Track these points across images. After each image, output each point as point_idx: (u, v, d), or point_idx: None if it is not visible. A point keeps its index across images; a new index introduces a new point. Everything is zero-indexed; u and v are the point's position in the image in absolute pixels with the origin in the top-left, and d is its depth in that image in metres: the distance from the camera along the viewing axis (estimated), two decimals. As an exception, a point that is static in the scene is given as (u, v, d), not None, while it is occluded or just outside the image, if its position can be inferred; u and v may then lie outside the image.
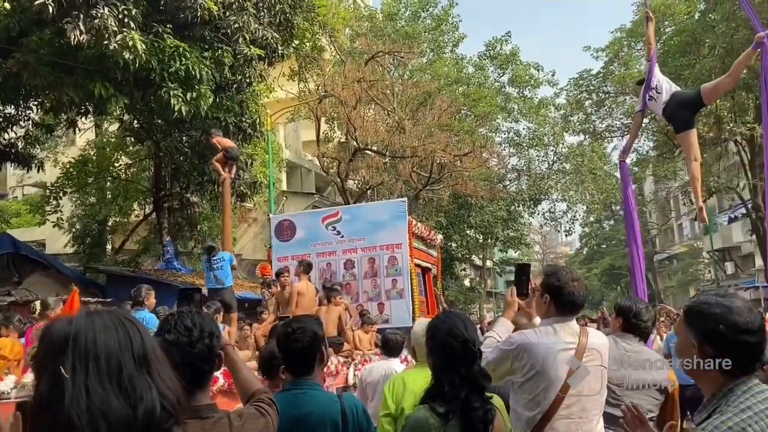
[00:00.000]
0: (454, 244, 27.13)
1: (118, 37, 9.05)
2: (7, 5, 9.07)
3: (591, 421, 2.72)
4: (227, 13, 11.02)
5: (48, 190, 19.64)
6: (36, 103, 13.32)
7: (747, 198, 24.34)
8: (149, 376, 1.15)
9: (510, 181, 29.39)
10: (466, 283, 37.64)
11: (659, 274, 46.80)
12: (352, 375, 7.41)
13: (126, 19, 9.17)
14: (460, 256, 29.68)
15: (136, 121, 15.99)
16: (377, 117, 22.62)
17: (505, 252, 39.27)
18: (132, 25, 9.24)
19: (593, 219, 46.49)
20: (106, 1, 9.08)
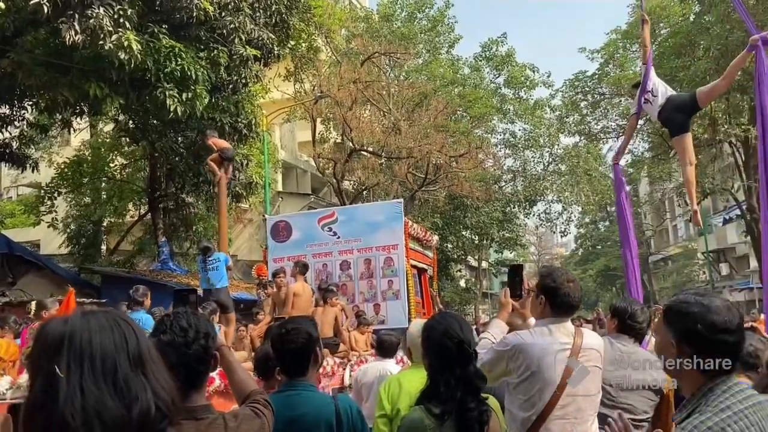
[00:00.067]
0: (450, 245, 27.13)
1: (114, 37, 9.01)
2: (1, 5, 9.00)
3: (586, 422, 2.73)
4: (223, 14, 10.99)
5: (43, 191, 19.53)
6: (31, 103, 13.25)
7: (742, 199, 24.45)
8: (144, 376, 1.15)
9: (505, 182, 29.42)
10: (461, 284, 37.69)
11: (654, 275, 46.96)
12: (348, 376, 7.40)
13: (121, 19, 9.13)
14: (455, 257, 29.70)
15: (131, 122, 15.92)
16: (373, 118, 22.64)
17: (501, 253, 39.36)
18: (127, 25, 9.20)
19: (588, 220, 46.68)
20: (102, 1, 9.04)
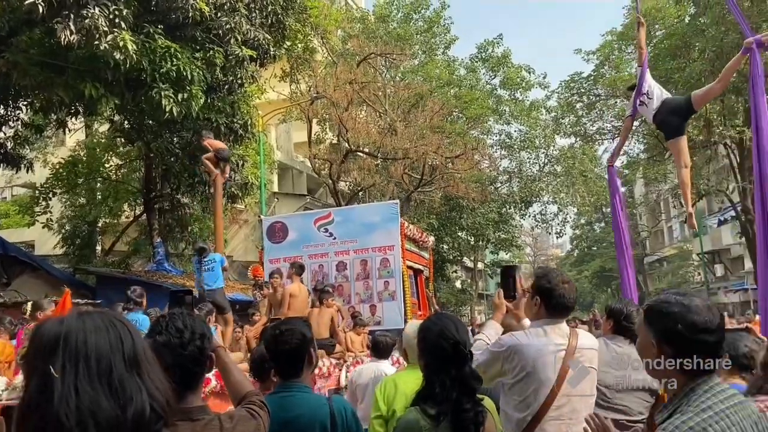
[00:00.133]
0: (446, 246, 27.14)
1: (109, 37, 8.98)
2: (-4, 5, 9.01)
3: (581, 423, 2.73)
4: (219, 14, 10.98)
5: (37, 191, 19.45)
6: (26, 103, 13.21)
7: (736, 201, 24.52)
8: (139, 377, 1.15)
9: (501, 183, 29.46)
10: (457, 285, 37.66)
11: (649, 276, 47.02)
12: (344, 377, 7.39)
13: (117, 20, 9.10)
14: (451, 258, 29.69)
15: (126, 122, 15.88)
16: (369, 119, 22.63)
17: (497, 254, 39.36)
18: (123, 25, 9.17)
19: (584, 221, 46.76)
20: (97, 1, 9.02)
